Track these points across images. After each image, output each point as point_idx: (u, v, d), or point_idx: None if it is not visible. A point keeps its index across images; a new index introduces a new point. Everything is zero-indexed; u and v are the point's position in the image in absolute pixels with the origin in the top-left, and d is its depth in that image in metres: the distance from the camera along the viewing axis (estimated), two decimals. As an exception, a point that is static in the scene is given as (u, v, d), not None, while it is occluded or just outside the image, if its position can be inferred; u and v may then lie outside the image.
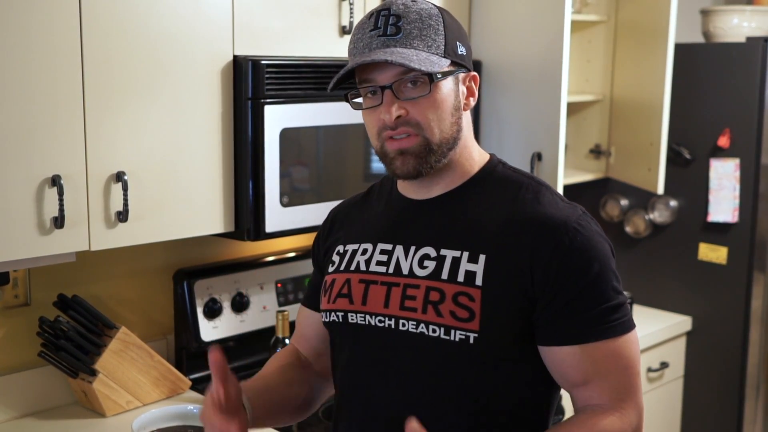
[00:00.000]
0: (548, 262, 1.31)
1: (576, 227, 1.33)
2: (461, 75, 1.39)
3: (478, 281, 1.32)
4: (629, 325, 1.36)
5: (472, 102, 1.41)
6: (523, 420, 1.39)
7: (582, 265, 1.32)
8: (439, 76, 1.33)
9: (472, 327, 1.31)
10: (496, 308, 1.31)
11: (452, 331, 1.32)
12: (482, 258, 1.33)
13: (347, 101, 1.40)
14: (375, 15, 1.36)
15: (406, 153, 1.35)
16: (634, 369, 1.36)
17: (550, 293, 1.31)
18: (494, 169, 1.44)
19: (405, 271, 1.38)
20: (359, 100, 1.39)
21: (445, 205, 1.41)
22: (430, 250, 1.37)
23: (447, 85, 1.36)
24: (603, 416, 1.33)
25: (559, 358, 1.34)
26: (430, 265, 1.36)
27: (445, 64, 1.34)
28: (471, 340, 1.31)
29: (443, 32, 1.35)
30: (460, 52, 1.37)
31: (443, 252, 1.36)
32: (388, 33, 1.33)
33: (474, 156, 1.43)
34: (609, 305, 1.33)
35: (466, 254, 1.34)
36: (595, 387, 1.34)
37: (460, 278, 1.33)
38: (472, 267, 1.33)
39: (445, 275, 1.34)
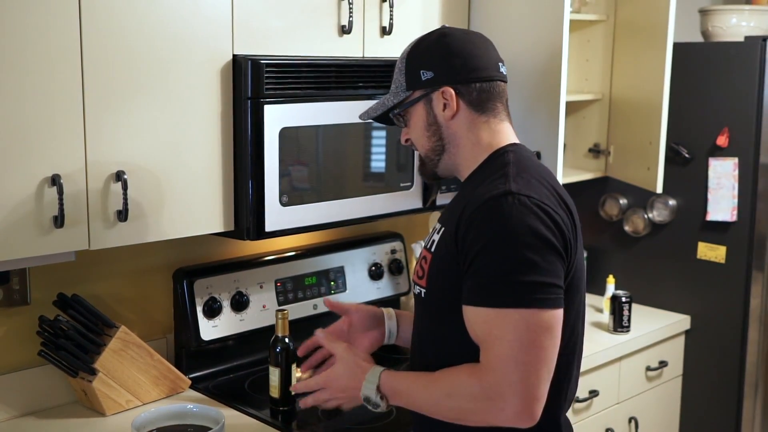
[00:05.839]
0: (462, 229, 1.51)
1: (488, 202, 1.49)
2: (433, 94, 1.61)
3: (433, 248, 1.61)
4: (526, 302, 1.43)
5: (449, 113, 1.60)
6: None
7: (480, 232, 1.47)
8: (396, 111, 1.65)
9: (422, 284, 1.63)
10: (437, 269, 1.58)
11: (416, 287, 1.66)
12: (442, 230, 1.60)
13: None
14: None
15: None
16: (522, 346, 1.42)
17: (463, 256, 1.51)
18: (494, 159, 1.61)
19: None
20: None
21: (460, 190, 1.67)
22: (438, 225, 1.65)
23: (416, 111, 1.64)
24: (459, 375, 1.49)
25: (465, 317, 1.51)
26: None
27: (401, 98, 1.63)
28: (423, 294, 1.63)
29: (404, 69, 1.63)
30: (425, 78, 1.61)
31: (437, 226, 1.64)
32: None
33: (479, 150, 1.63)
34: (504, 278, 1.44)
35: (438, 226, 1.63)
36: (482, 352, 1.48)
37: (429, 246, 1.64)
38: (436, 237, 1.62)
39: (428, 245, 1.64)
